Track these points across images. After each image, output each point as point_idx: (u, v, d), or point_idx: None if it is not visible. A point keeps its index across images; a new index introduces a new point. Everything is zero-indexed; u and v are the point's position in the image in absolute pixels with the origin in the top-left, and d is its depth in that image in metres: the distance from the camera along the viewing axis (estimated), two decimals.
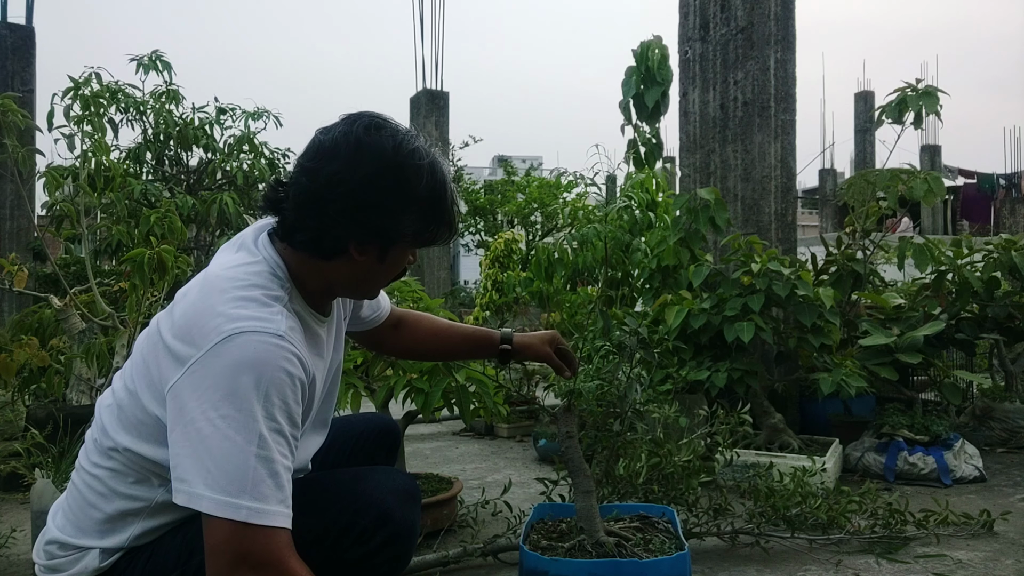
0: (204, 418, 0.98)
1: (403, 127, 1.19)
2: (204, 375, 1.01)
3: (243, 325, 1.03)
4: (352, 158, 1.13)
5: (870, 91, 19.10)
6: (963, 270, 3.68)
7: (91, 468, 1.17)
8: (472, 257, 17.10)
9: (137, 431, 1.12)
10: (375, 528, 1.14)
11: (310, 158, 1.16)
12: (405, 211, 1.17)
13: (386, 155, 1.13)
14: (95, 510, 1.15)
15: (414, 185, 1.16)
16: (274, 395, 1.01)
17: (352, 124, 1.16)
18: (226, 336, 1.02)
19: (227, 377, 1.00)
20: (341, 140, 1.14)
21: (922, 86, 3.59)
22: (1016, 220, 16.33)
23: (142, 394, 1.11)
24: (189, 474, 0.98)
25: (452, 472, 3.26)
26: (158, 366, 1.08)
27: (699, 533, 2.28)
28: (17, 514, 2.72)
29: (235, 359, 1.01)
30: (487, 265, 6.12)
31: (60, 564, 1.16)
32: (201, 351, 1.02)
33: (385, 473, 1.27)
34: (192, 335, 1.04)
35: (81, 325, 3.36)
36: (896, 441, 3.21)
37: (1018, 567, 2.15)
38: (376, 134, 1.14)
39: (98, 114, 3.91)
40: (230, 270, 1.14)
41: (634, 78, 4.06)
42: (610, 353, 2.29)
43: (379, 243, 1.19)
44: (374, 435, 1.57)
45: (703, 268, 3.48)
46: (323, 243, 1.16)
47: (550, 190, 12.95)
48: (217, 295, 1.08)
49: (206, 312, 1.06)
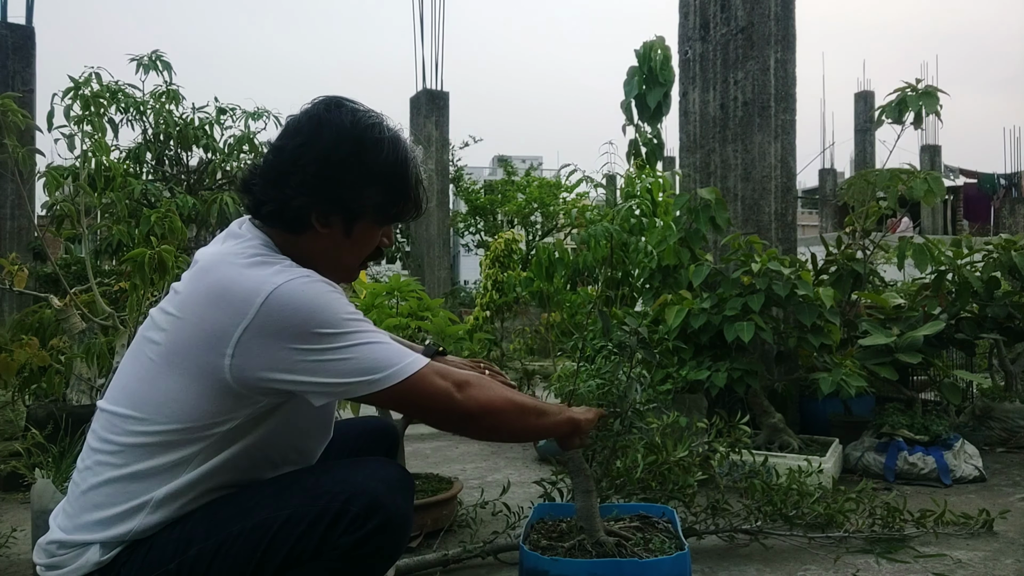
0: (334, 347, 1.12)
1: (365, 107, 1.28)
2: (275, 329, 1.10)
3: (277, 280, 1.12)
4: (312, 133, 1.23)
5: (870, 91, 19.11)
6: (963, 270, 3.68)
7: (92, 463, 1.18)
8: (472, 257, 17.11)
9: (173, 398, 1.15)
10: (366, 515, 1.15)
11: (278, 138, 1.27)
12: (365, 183, 1.25)
13: (344, 129, 1.23)
14: (96, 507, 1.16)
15: (373, 157, 1.24)
16: (339, 303, 1.15)
17: (315, 105, 1.27)
18: (271, 290, 1.11)
19: (302, 318, 1.11)
20: (303, 118, 1.25)
21: (922, 86, 3.59)
22: (1016, 220, 16.34)
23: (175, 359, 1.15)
24: (365, 376, 1.13)
25: (452, 472, 3.26)
26: (195, 331, 1.13)
27: (698, 531, 2.28)
28: (17, 514, 2.72)
29: (293, 305, 1.10)
30: (487, 265, 6.12)
31: (61, 561, 1.17)
32: (250, 314, 1.10)
33: (378, 463, 1.28)
34: (231, 300, 1.11)
35: (81, 325, 3.36)
36: (896, 441, 3.21)
37: (1018, 567, 2.15)
38: (336, 110, 1.25)
39: (98, 114, 3.92)
40: (228, 253, 1.19)
41: (636, 78, 4.05)
42: (611, 353, 2.29)
43: (341, 215, 1.26)
44: (372, 436, 1.59)
45: (703, 268, 3.48)
46: (285, 214, 1.24)
47: (550, 190, 12.95)
48: (231, 267, 1.16)
49: (234, 279, 1.13)
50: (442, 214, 10.77)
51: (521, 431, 1.46)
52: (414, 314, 2.70)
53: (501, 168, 15.67)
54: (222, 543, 1.13)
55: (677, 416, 2.35)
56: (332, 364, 1.12)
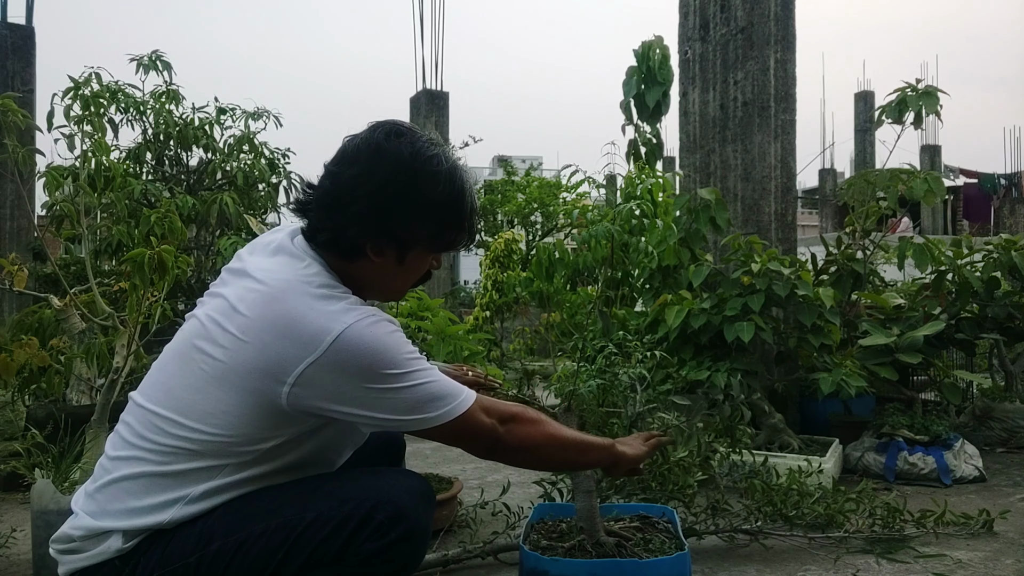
0: (396, 387, 1.16)
1: (425, 135, 1.26)
2: (341, 369, 1.13)
3: (347, 319, 1.14)
4: (370, 162, 1.21)
5: (870, 91, 19.10)
6: (963, 270, 3.68)
7: (128, 456, 1.19)
8: (472, 257, 17.09)
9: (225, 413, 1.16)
10: (391, 524, 1.16)
11: (335, 163, 1.25)
12: (420, 216, 1.24)
13: (403, 160, 1.21)
14: (128, 496, 1.17)
15: (429, 191, 1.23)
16: (401, 343, 1.19)
17: (374, 131, 1.25)
18: (342, 330, 1.13)
19: (370, 360, 1.14)
20: (363, 146, 1.24)
21: (922, 86, 3.59)
22: (1016, 220, 16.33)
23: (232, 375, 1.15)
24: (419, 415, 1.18)
25: (452, 472, 3.26)
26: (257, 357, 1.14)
27: (698, 532, 2.28)
28: (17, 514, 2.72)
29: (362, 347, 1.13)
30: (487, 265, 6.12)
31: (80, 547, 1.18)
32: (318, 351, 1.12)
33: (403, 474, 1.33)
34: (300, 335, 1.12)
35: (81, 325, 3.35)
36: (896, 441, 3.21)
37: (1018, 567, 2.15)
38: (396, 140, 1.23)
39: (98, 114, 3.92)
40: (295, 281, 1.19)
41: (635, 78, 4.05)
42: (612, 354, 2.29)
43: (395, 246, 1.26)
44: (379, 445, 1.60)
45: (703, 268, 3.48)
46: (340, 243, 1.23)
47: (550, 190, 12.94)
48: (301, 298, 1.16)
49: (305, 313, 1.14)
50: None
51: (561, 465, 1.61)
52: (414, 314, 2.70)
53: (501, 168, 15.66)
54: (244, 540, 1.15)
55: (677, 416, 2.35)
56: (390, 402, 1.16)
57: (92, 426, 2.36)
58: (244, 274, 1.22)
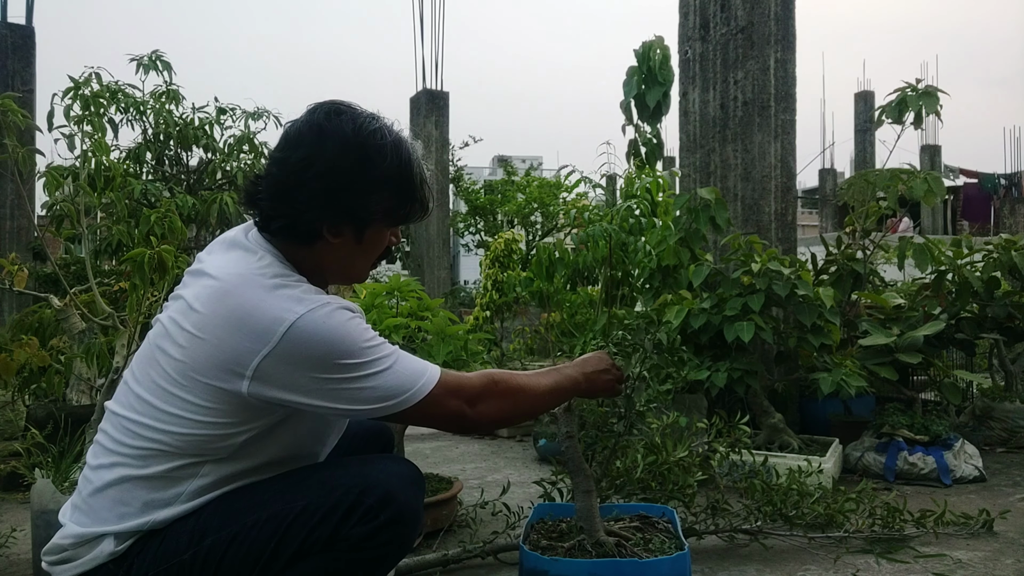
0: (352, 376, 1.15)
1: (364, 110, 1.27)
2: (296, 359, 1.12)
3: (299, 309, 1.13)
4: (315, 144, 1.21)
5: (870, 91, 19.11)
6: (963, 270, 3.68)
7: (107, 463, 1.19)
8: (472, 257, 17.11)
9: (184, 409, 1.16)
10: (380, 507, 1.17)
11: (279, 149, 1.25)
12: (372, 190, 1.24)
13: (347, 137, 1.22)
14: (114, 502, 1.17)
15: (378, 164, 1.23)
16: (357, 332, 1.17)
17: (313, 113, 1.25)
18: (294, 320, 1.12)
19: (324, 350, 1.13)
20: (304, 128, 1.24)
21: (922, 86, 3.59)
22: (1016, 220, 16.33)
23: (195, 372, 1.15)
24: (379, 404, 1.18)
25: (452, 472, 3.26)
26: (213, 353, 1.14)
27: (698, 531, 2.28)
28: (17, 514, 2.72)
29: (315, 337, 1.12)
30: (487, 265, 6.12)
31: (73, 555, 1.18)
32: (271, 343, 1.11)
33: (391, 459, 1.33)
34: (254, 328, 1.12)
35: (81, 325, 3.35)
36: (896, 441, 3.21)
37: (1018, 567, 2.15)
38: (337, 119, 1.23)
39: (98, 114, 3.91)
40: (246, 274, 1.18)
41: (635, 78, 4.06)
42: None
43: (352, 224, 1.26)
44: (368, 437, 1.61)
45: (703, 268, 3.48)
46: (297, 228, 1.23)
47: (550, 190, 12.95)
48: (253, 290, 1.15)
49: (256, 305, 1.13)
50: (442, 214, 10.76)
51: (534, 415, 1.68)
52: (414, 314, 2.70)
53: (501, 168, 15.66)
54: (237, 533, 1.15)
55: (677, 416, 2.35)
56: (349, 392, 1.16)
57: (92, 426, 2.36)
58: (202, 274, 1.22)
